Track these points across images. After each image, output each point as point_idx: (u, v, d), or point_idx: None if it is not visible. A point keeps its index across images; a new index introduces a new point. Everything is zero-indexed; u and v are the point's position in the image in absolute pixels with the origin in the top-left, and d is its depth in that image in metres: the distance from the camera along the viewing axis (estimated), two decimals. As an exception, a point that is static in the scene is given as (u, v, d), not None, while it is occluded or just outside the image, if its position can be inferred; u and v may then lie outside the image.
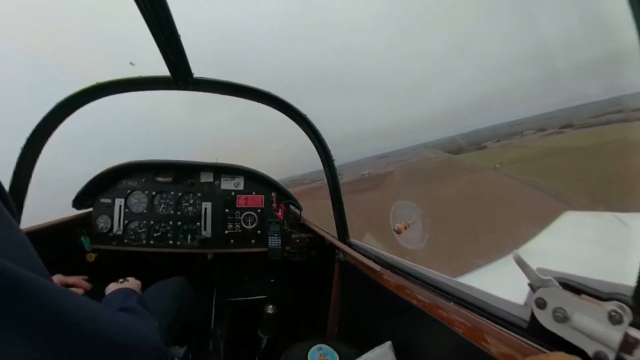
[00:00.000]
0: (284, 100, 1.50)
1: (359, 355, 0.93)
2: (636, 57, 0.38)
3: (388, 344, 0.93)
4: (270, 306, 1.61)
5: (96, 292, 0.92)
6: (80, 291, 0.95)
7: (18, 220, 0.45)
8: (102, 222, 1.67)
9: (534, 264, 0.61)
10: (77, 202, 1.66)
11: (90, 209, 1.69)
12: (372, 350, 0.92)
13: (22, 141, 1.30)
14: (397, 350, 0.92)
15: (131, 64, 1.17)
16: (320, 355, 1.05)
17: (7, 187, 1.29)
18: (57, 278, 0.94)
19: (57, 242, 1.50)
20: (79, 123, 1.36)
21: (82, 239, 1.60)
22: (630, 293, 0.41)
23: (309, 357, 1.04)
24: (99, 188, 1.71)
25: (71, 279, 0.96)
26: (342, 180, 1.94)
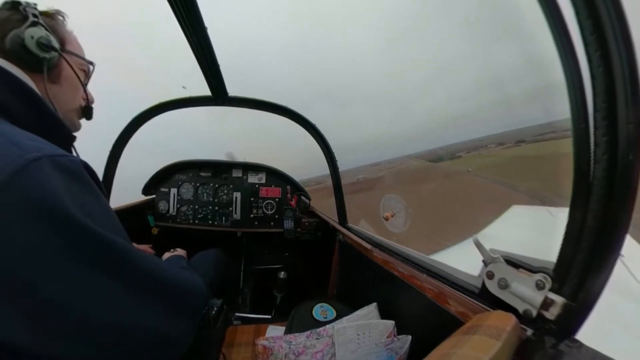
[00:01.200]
0: (298, 113, 1.54)
1: (351, 312, 0.96)
2: (562, 90, 0.40)
3: (374, 304, 0.95)
4: (283, 272, 1.66)
5: (159, 257, 0.99)
6: None
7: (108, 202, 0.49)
8: (162, 206, 1.75)
9: (487, 245, 0.64)
10: (145, 190, 1.76)
11: (154, 196, 1.77)
12: (362, 309, 0.95)
13: (102, 146, 1.40)
14: (381, 309, 0.94)
15: (183, 87, 1.23)
16: (322, 310, 1.09)
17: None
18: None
19: (133, 218, 1.61)
20: (145, 133, 1.44)
21: (148, 217, 1.69)
22: (552, 267, 0.44)
23: (313, 312, 1.08)
24: (160, 180, 1.79)
25: (141, 246, 1.03)
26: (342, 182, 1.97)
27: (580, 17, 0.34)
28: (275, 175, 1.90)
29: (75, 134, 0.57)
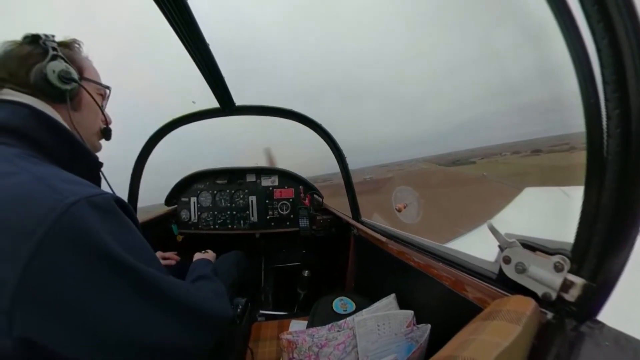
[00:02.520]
0: (304, 115, 1.55)
1: (370, 304, 0.96)
2: (575, 101, 0.38)
3: (392, 295, 0.95)
4: (306, 271, 1.69)
5: (183, 262, 1.04)
6: (172, 262, 1.08)
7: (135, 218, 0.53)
8: (184, 214, 1.83)
9: (502, 230, 0.62)
10: (167, 201, 1.86)
11: (176, 206, 1.86)
12: (380, 300, 0.95)
13: (123, 162, 1.48)
14: (399, 300, 0.94)
15: (193, 102, 1.27)
16: (342, 304, 1.10)
17: (126, 194, 1.50)
18: (159, 254, 1.07)
19: (158, 228, 1.70)
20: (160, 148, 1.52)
21: (172, 225, 1.77)
22: (569, 248, 0.42)
23: (333, 305, 1.09)
24: (180, 190, 1.87)
25: (167, 254, 1.09)
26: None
27: (579, -12, 0.32)
28: (287, 177, 1.93)
29: (101, 160, 0.61)
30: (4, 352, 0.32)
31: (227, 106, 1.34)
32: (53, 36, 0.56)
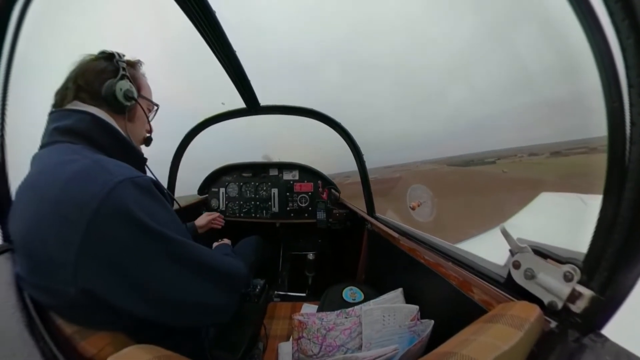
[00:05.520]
0: (324, 114, 1.55)
1: (378, 296, 0.97)
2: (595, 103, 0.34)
3: (400, 289, 0.94)
4: (311, 254, 1.73)
5: (211, 244, 1.12)
6: (218, 225, 1.29)
7: (172, 204, 0.59)
8: (213, 203, 1.97)
9: (514, 235, 0.58)
10: (200, 191, 2.01)
11: (207, 195, 2.00)
12: (388, 293, 0.95)
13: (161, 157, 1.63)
14: (406, 294, 0.93)
15: (223, 103, 1.35)
16: (352, 293, 1.12)
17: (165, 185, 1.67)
18: (205, 214, 1.28)
19: (192, 213, 1.84)
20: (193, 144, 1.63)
21: (203, 212, 1.92)
22: (581, 258, 0.38)
23: (343, 294, 1.11)
24: (210, 182, 2.01)
25: (213, 214, 1.29)
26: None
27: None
28: (307, 172, 1.96)
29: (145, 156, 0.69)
30: (69, 298, 0.40)
31: (252, 106, 1.40)
32: (123, 55, 0.65)
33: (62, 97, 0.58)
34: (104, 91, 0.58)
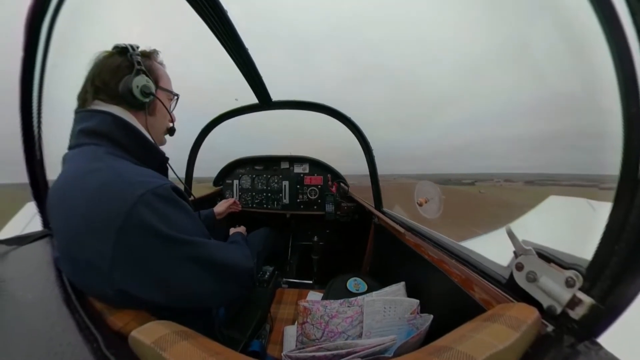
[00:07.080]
0: (334, 108, 1.53)
1: (380, 288, 0.98)
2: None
3: (402, 283, 0.95)
4: (316, 237, 1.78)
5: (225, 231, 1.16)
6: (237, 209, 1.38)
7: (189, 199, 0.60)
8: (228, 194, 2.04)
9: (520, 236, 0.56)
10: (215, 182, 2.08)
11: (222, 186, 2.07)
12: (390, 286, 0.95)
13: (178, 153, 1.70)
14: (408, 288, 0.93)
15: (236, 99, 1.37)
16: (355, 284, 1.14)
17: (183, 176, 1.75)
18: (224, 201, 1.35)
19: (207, 204, 1.93)
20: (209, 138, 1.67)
21: (218, 203, 2.01)
22: (585, 265, 0.37)
23: (347, 284, 1.13)
24: (225, 174, 2.07)
25: (231, 200, 1.37)
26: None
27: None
28: (317, 166, 1.97)
29: (167, 154, 0.69)
30: (107, 298, 0.47)
31: (265, 102, 1.41)
32: (137, 47, 0.61)
33: (83, 100, 0.58)
34: (121, 90, 0.57)
